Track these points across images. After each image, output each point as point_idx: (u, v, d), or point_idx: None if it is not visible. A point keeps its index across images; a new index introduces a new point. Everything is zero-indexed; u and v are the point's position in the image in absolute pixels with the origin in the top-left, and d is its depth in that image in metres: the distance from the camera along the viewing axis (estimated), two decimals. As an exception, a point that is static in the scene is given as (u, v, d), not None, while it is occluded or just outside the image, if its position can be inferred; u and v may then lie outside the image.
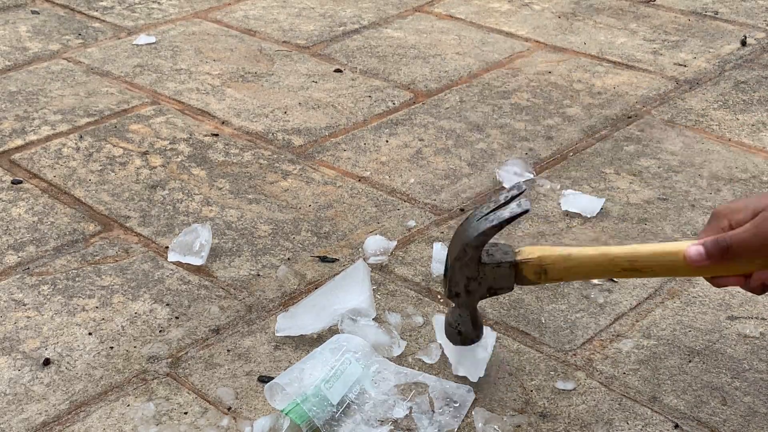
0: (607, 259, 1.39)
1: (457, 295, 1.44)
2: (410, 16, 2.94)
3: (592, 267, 1.41)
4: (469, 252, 1.40)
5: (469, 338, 1.49)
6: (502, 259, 1.41)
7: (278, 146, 2.23)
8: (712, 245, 1.33)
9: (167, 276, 1.79)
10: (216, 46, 2.74)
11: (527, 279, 1.42)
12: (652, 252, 1.38)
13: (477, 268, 1.41)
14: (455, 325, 1.47)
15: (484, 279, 1.42)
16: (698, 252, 1.33)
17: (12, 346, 1.62)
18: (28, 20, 2.92)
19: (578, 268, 1.41)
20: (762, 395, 1.50)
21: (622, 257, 1.39)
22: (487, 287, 1.43)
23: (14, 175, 2.11)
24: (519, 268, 1.41)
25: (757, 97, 2.44)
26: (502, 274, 1.41)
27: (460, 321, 1.47)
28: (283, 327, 1.63)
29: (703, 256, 1.33)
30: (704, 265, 1.34)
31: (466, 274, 1.42)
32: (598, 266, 1.40)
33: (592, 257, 1.40)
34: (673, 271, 1.40)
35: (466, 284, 1.42)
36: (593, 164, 2.14)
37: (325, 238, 1.90)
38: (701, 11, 2.96)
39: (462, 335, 1.48)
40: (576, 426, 1.45)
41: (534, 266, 1.40)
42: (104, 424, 1.46)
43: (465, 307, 1.46)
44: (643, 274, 1.41)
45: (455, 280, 1.43)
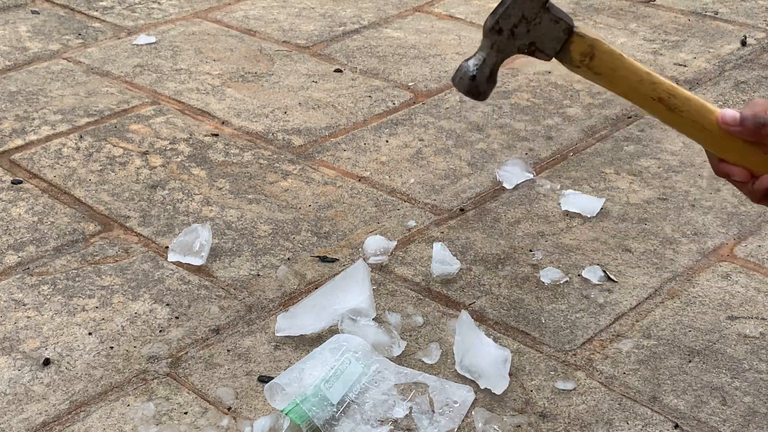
0: (650, 79, 1.35)
1: (500, 31, 1.35)
2: (410, 16, 2.94)
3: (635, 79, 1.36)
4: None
5: (478, 88, 1.38)
6: (563, 18, 1.34)
7: (278, 146, 2.23)
8: (751, 117, 1.29)
9: (167, 276, 1.79)
10: (216, 46, 2.74)
11: (570, 56, 1.36)
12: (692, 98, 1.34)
13: (538, 11, 1.33)
14: (473, 68, 1.37)
15: (536, 28, 1.34)
16: (733, 116, 1.30)
17: (12, 346, 1.62)
18: (28, 20, 2.92)
19: (622, 72, 1.36)
20: (762, 395, 1.50)
21: (664, 86, 1.35)
22: (532, 39, 1.35)
23: (14, 175, 2.11)
24: (571, 39, 1.35)
25: (757, 97, 2.44)
26: (554, 32, 1.34)
27: (480, 66, 1.37)
28: (283, 327, 1.63)
29: (737, 121, 1.30)
30: (733, 130, 1.30)
31: (523, 12, 1.34)
32: (639, 82, 1.36)
33: (639, 70, 1.36)
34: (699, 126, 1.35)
35: (516, 23, 1.34)
36: (593, 164, 2.14)
37: (325, 238, 1.90)
38: (701, 11, 2.96)
39: (474, 81, 1.37)
40: (576, 426, 1.45)
41: (586, 45, 1.35)
42: (104, 424, 1.46)
43: (496, 48, 1.36)
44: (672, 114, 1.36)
45: (510, 12, 1.34)
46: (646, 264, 1.81)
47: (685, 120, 1.36)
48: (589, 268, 1.78)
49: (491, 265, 1.81)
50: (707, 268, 1.80)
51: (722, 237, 1.89)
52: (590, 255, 1.84)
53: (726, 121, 1.31)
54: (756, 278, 1.77)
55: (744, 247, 1.86)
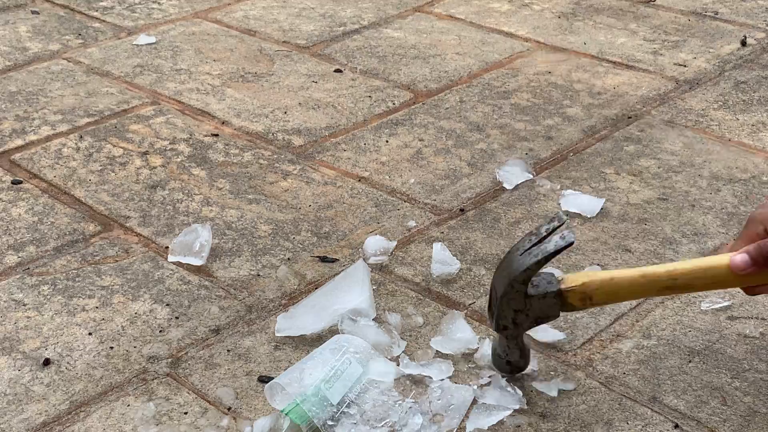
0: (648, 279, 1.42)
1: (505, 328, 1.46)
2: (410, 16, 2.94)
3: (636, 287, 1.43)
4: (515, 287, 1.42)
5: (517, 367, 1.51)
6: (547, 290, 1.43)
7: (278, 146, 2.23)
8: (756, 251, 1.37)
9: (167, 276, 1.79)
10: (216, 46, 2.74)
11: (573, 306, 1.44)
12: (692, 267, 1.41)
13: (524, 301, 1.43)
14: (503, 355, 1.50)
15: (531, 310, 1.44)
16: (744, 260, 1.37)
17: (12, 346, 1.62)
18: (28, 20, 2.92)
19: (622, 290, 1.43)
20: (762, 395, 1.50)
21: (663, 276, 1.41)
22: (534, 318, 1.45)
23: (14, 175, 2.11)
24: (564, 297, 1.43)
25: (757, 97, 2.44)
26: (548, 304, 1.43)
27: (509, 352, 1.49)
28: (283, 327, 1.63)
29: (749, 263, 1.37)
30: (749, 273, 1.37)
31: (513, 308, 1.44)
32: (640, 286, 1.43)
33: (634, 278, 1.42)
34: (715, 283, 1.42)
35: (514, 317, 1.44)
36: (593, 164, 2.14)
37: (325, 238, 1.90)
38: (701, 11, 2.96)
39: (511, 365, 1.50)
40: (576, 426, 1.45)
41: (579, 293, 1.42)
42: (104, 424, 1.46)
43: (513, 338, 1.48)
44: (685, 290, 1.44)
45: (503, 314, 1.44)
46: (646, 264, 1.81)
47: (698, 286, 1.44)
48: (589, 268, 1.78)
49: (491, 265, 1.81)
50: (707, 268, 1.80)
51: (722, 237, 1.89)
52: (590, 255, 1.84)
53: (739, 268, 1.37)
54: (756, 278, 1.77)
55: (744, 247, 1.86)
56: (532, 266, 1.40)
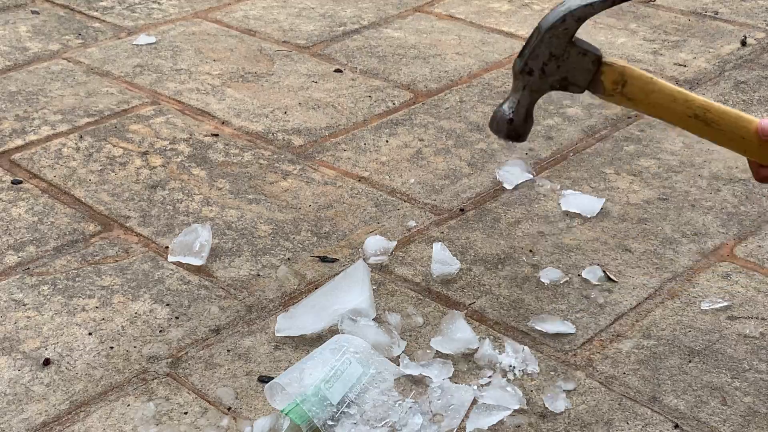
0: (683, 97, 1.37)
1: (530, 72, 1.37)
2: (410, 16, 2.94)
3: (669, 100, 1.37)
4: (568, 23, 1.33)
5: (516, 131, 1.41)
6: (590, 49, 1.36)
7: (278, 146, 2.23)
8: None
9: (167, 276, 1.79)
10: (216, 46, 2.74)
11: (603, 86, 1.37)
12: (728, 112, 1.36)
13: (565, 46, 1.35)
14: (509, 111, 1.39)
15: (565, 63, 1.36)
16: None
17: (12, 346, 1.62)
18: (28, 20, 2.92)
19: (655, 95, 1.37)
20: (762, 395, 1.50)
21: (698, 102, 1.36)
22: (562, 74, 1.36)
23: (14, 175, 2.11)
24: (601, 70, 1.36)
25: (757, 97, 2.44)
26: (584, 65, 1.35)
27: (516, 108, 1.39)
28: (283, 327, 1.63)
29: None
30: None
31: (551, 49, 1.35)
32: (673, 101, 1.37)
33: (672, 91, 1.37)
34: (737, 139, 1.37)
35: (546, 62, 1.36)
36: (593, 164, 2.14)
37: (325, 238, 1.90)
38: (701, 11, 2.96)
39: (512, 124, 1.40)
40: (576, 426, 1.45)
41: (616, 73, 1.36)
42: (104, 424, 1.46)
43: (530, 89, 1.38)
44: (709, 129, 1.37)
45: (538, 52, 1.35)
46: (646, 264, 1.81)
47: (723, 133, 1.38)
48: (589, 268, 1.78)
49: (491, 265, 1.81)
50: (707, 268, 1.80)
51: (722, 237, 1.89)
52: (590, 255, 1.84)
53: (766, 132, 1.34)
54: (756, 278, 1.77)
55: (744, 247, 1.86)
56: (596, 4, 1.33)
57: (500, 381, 1.51)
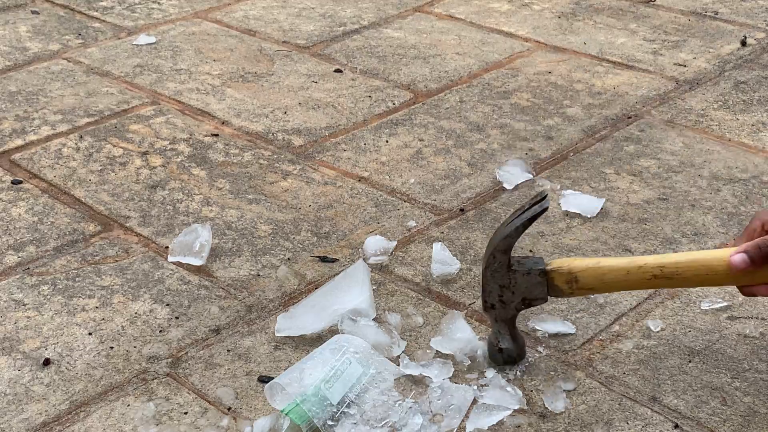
0: (636, 267, 1.41)
1: (492, 306, 1.46)
2: (410, 16, 2.94)
3: (623, 275, 1.42)
4: (497, 257, 1.42)
5: (510, 356, 1.50)
6: (532, 267, 1.43)
7: (278, 146, 2.23)
8: (754, 250, 1.36)
9: (167, 276, 1.79)
10: (216, 46, 2.74)
11: (559, 288, 1.43)
12: (685, 260, 1.40)
13: (508, 275, 1.43)
14: (495, 342, 1.49)
15: (517, 288, 1.44)
16: (743, 259, 1.37)
17: (12, 346, 1.62)
18: (28, 20, 2.92)
19: (609, 276, 1.42)
20: (762, 395, 1.50)
21: (651, 264, 1.40)
22: (521, 297, 1.45)
23: (14, 175, 2.11)
24: (550, 277, 1.43)
25: (757, 97, 2.44)
26: (533, 282, 1.43)
27: (500, 338, 1.49)
28: (283, 327, 1.63)
29: (748, 263, 1.36)
30: (747, 271, 1.36)
31: (498, 282, 1.44)
32: (628, 274, 1.42)
33: (621, 264, 1.42)
34: (706, 278, 1.41)
35: (500, 294, 1.44)
36: (593, 164, 2.14)
37: (325, 238, 1.90)
38: (701, 11, 2.96)
39: (503, 353, 1.50)
40: (576, 426, 1.45)
41: (565, 275, 1.42)
42: (104, 424, 1.46)
43: (502, 320, 1.47)
44: (674, 283, 1.42)
45: (488, 289, 1.44)
46: (646, 264, 1.81)
47: (689, 278, 1.42)
48: (589, 268, 1.78)
49: (491, 265, 1.81)
50: (707, 268, 1.80)
51: (722, 237, 1.89)
52: (590, 255, 1.84)
53: (738, 268, 1.37)
54: (756, 278, 1.77)
55: (744, 247, 1.86)
56: (511, 233, 1.41)
57: (500, 381, 1.51)
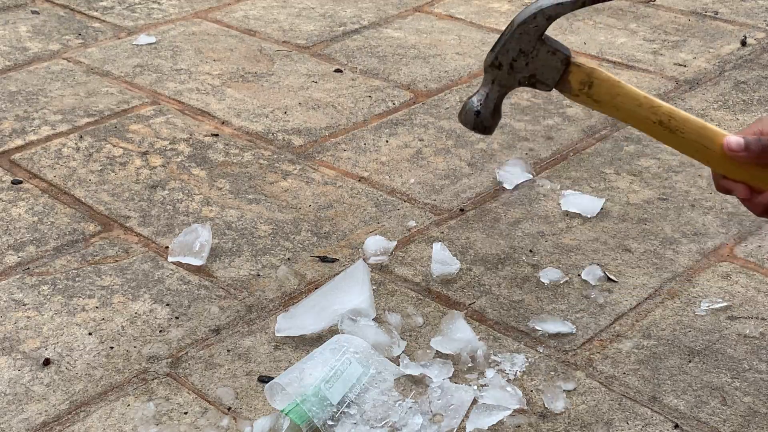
0: (648, 103, 1.38)
1: (499, 66, 1.38)
2: (410, 16, 2.94)
3: (634, 104, 1.38)
4: (538, 20, 1.34)
5: (483, 123, 1.43)
6: (560, 48, 1.37)
7: (278, 146, 2.23)
8: (754, 141, 1.33)
9: (167, 276, 1.79)
10: (216, 46, 2.74)
11: (570, 85, 1.38)
12: (693, 121, 1.37)
13: (535, 44, 1.36)
14: (477, 104, 1.41)
15: (534, 60, 1.37)
16: (738, 142, 1.34)
17: (12, 346, 1.62)
18: (28, 20, 2.92)
19: (621, 99, 1.38)
20: (762, 395, 1.50)
21: (664, 109, 1.37)
22: (531, 71, 1.38)
23: (14, 175, 2.11)
24: (569, 70, 1.37)
25: (757, 97, 2.44)
26: (552, 63, 1.37)
27: (484, 102, 1.41)
28: (283, 327, 1.63)
29: (742, 147, 1.34)
30: (737, 156, 1.33)
31: (521, 46, 1.36)
32: (638, 106, 1.38)
33: (638, 95, 1.38)
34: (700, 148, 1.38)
35: (515, 58, 1.37)
36: (593, 164, 2.14)
37: (325, 238, 1.90)
38: (701, 11, 2.96)
39: (478, 117, 1.42)
40: (576, 426, 1.45)
41: (584, 74, 1.37)
42: (104, 424, 1.46)
43: (498, 83, 1.40)
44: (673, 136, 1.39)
45: (508, 47, 1.37)
46: (646, 264, 1.81)
47: (686, 141, 1.39)
48: (589, 268, 1.78)
49: (491, 265, 1.81)
50: (707, 268, 1.80)
51: (722, 237, 1.89)
52: (590, 255, 1.84)
53: (731, 148, 1.34)
54: (756, 278, 1.77)
55: (744, 247, 1.86)
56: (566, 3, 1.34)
57: (500, 381, 1.51)
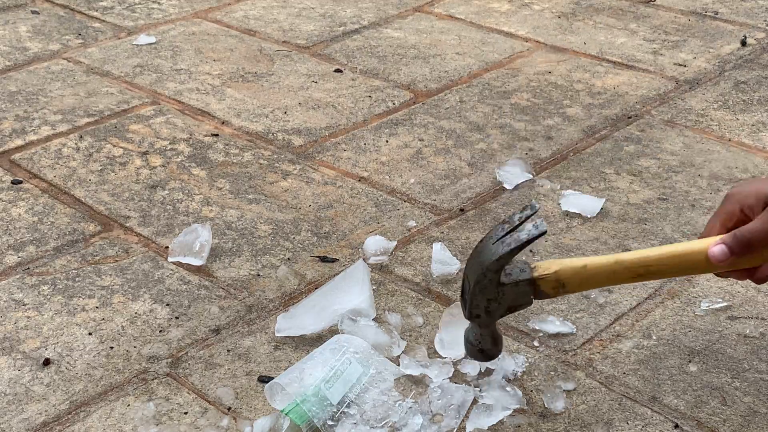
0: (622, 267, 1.40)
1: (477, 316, 1.45)
2: (410, 16, 2.94)
3: (609, 275, 1.42)
4: (488, 275, 1.40)
5: (490, 355, 1.49)
6: (519, 278, 1.41)
7: (278, 146, 2.23)
8: (733, 241, 1.35)
9: (167, 276, 1.79)
10: (216, 46, 2.74)
11: (546, 293, 1.43)
12: (667, 255, 1.40)
13: (496, 290, 1.41)
14: (476, 343, 1.48)
15: (504, 299, 1.42)
16: (722, 251, 1.35)
17: (12, 346, 1.62)
18: (28, 20, 2.92)
19: (595, 278, 1.42)
20: (762, 395, 1.50)
21: (637, 263, 1.40)
22: (506, 306, 1.43)
23: (14, 175, 2.11)
24: (537, 285, 1.42)
25: (757, 97, 2.44)
26: (521, 292, 1.42)
27: (481, 340, 1.47)
28: (283, 327, 1.63)
29: (728, 254, 1.35)
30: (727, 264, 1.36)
31: (486, 296, 1.42)
32: (613, 274, 1.41)
33: (608, 266, 1.41)
34: (689, 270, 1.41)
35: (487, 306, 1.43)
36: (593, 164, 2.14)
37: (325, 238, 1.90)
38: (701, 11, 2.96)
39: (484, 353, 1.49)
40: (576, 426, 1.45)
41: (552, 281, 1.41)
42: (104, 424, 1.47)
43: (485, 326, 1.46)
44: (659, 276, 1.42)
45: (475, 302, 1.43)
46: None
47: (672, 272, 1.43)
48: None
49: (491, 265, 1.81)
50: (707, 268, 1.80)
51: (722, 237, 1.89)
52: (590, 255, 1.83)
53: (719, 260, 1.36)
54: (756, 278, 1.77)
55: (744, 247, 1.86)
56: (505, 255, 1.39)
57: (500, 381, 1.51)
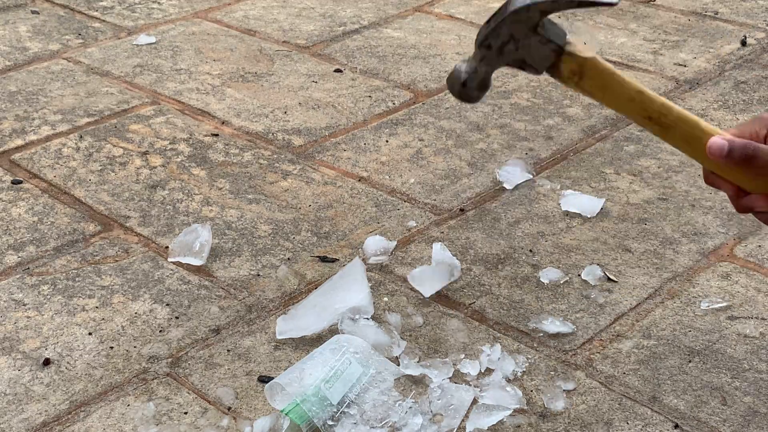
0: (640, 98, 1.35)
1: (488, 47, 1.34)
2: (410, 16, 2.94)
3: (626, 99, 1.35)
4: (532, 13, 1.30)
5: (468, 95, 1.39)
6: (551, 38, 1.31)
7: (278, 146, 2.23)
8: (739, 148, 1.27)
9: (167, 276, 1.79)
10: (216, 46, 2.74)
11: (560, 72, 1.34)
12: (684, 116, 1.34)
13: (527, 32, 1.31)
14: (464, 75, 1.37)
15: (524, 47, 1.33)
16: (721, 147, 1.28)
17: (12, 346, 1.62)
18: (28, 20, 2.92)
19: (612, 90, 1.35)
20: (762, 395, 1.50)
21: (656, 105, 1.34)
22: (520, 56, 1.34)
23: (14, 175, 2.11)
24: (561, 57, 1.33)
25: (757, 97, 2.44)
26: (543, 52, 1.32)
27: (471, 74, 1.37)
28: (283, 329, 1.63)
29: (724, 153, 1.28)
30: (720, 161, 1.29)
31: (512, 32, 1.32)
32: (630, 101, 1.35)
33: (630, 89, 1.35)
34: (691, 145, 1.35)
35: (505, 42, 1.33)
36: (593, 164, 2.14)
37: (325, 238, 1.90)
38: (701, 11, 2.96)
39: (464, 87, 1.38)
40: (576, 426, 1.45)
41: (576, 64, 1.33)
42: (104, 424, 1.47)
43: (486, 62, 1.37)
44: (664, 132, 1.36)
45: (498, 32, 1.32)
46: (646, 264, 1.81)
47: (676, 138, 1.36)
48: (589, 268, 1.78)
49: (491, 265, 1.81)
50: (707, 268, 1.80)
51: (722, 237, 1.89)
52: (590, 255, 1.84)
53: (712, 152, 1.29)
54: (756, 278, 1.77)
55: (744, 247, 1.86)
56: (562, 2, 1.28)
57: (500, 381, 1.51)
